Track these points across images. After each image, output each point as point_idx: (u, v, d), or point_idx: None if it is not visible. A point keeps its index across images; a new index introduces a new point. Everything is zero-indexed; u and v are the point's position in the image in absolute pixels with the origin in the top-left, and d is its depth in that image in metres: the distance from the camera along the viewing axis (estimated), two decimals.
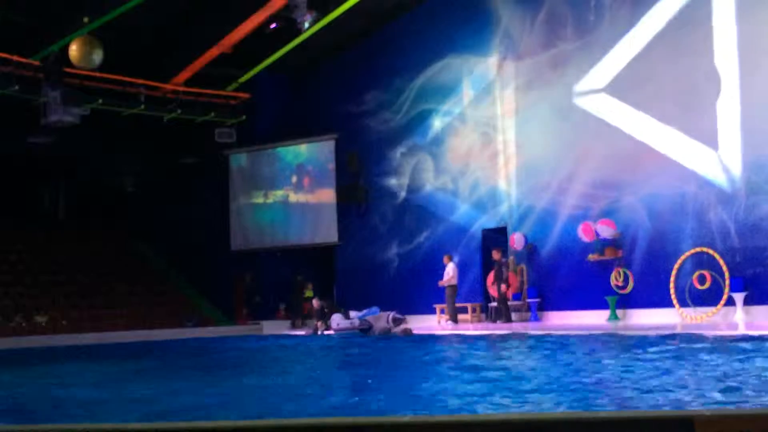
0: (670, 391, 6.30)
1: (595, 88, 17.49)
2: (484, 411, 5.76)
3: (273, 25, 20.69)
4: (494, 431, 2.63)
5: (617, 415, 2.99)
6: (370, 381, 8.23)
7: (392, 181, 22.40)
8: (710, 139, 15.36)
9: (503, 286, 18.34)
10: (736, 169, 14.98)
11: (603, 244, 17.05)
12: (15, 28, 20.22)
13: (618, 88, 17.06)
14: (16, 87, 19.85)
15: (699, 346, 10.07)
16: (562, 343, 11.93)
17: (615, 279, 16.76)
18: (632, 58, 16.85)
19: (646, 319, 16.01)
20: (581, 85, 17.77)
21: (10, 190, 26.00)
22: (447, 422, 2.81)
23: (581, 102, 17.75)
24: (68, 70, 20.03)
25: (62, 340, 19.53)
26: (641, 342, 11.15)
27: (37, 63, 20.25)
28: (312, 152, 24.26)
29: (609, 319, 16.65)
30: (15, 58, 19.81)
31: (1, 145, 22.71)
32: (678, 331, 13.20)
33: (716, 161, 15.29)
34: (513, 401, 6.21)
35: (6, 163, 24.30)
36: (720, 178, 15.20)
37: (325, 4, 19.84)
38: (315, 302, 20.94)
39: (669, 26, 16.11)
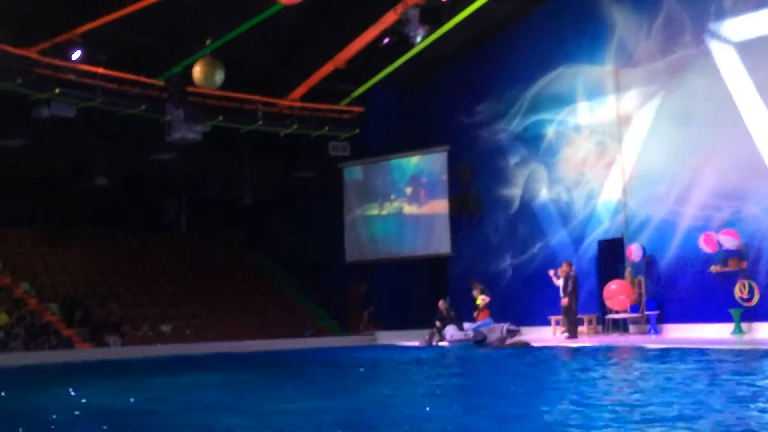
0: None
1: (718, 89, 16.97)
2: None
3: (386, 41, 20.99)
4: None
5: None
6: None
7: (505, 192, 22.32)
8: None
9: (565, 299, 18.15)
10: None
11: (726, 255, 16.54)
12: (141, 51, 21.23)
13: (743, 82, 16.50)
14: (143, 107, 20.79)
15: None
16: (680, 357, 11.64)
17: (739, 291, 16.22)
18: (757, 62, 16.30)
19: None
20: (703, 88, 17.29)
21: (137, 205, 27.27)
22: None
23: (703, 107, 17.27)
24: (190, 89, 20.87)
25: (185, 349, 20.31)
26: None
27: (161, 83, 21.18)
28: (425, 163, 24.45)
29: (733, 332, 16.14)
30: (142, 79, 20.77)
31: (131, 162, 23.85)
32: None
33: None
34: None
35: (134, 178, 25.49)
36: None
37: (437, 17, 19.99)
38: (441, 304, 20.91)
39: None
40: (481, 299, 20.18)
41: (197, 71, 19.49)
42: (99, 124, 21.23)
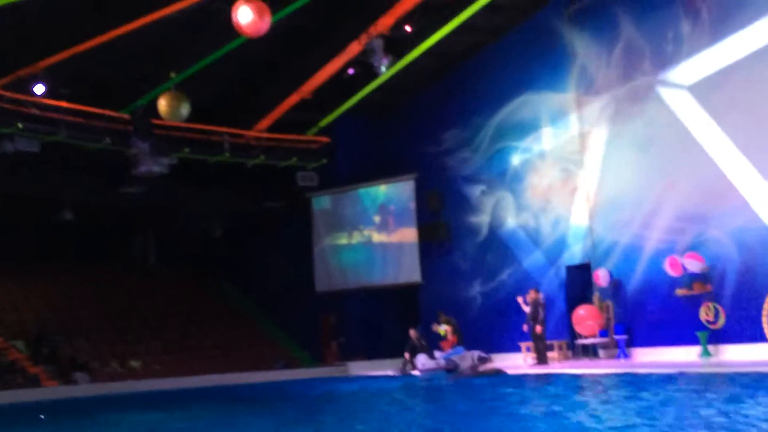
0: None
1: (678, 111, 17.22)
2: None
3: (350, 71, 21.12)
4: None
5: None
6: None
7: (473, 219, 22.42)
8: None
9: (538, 327, 18.21)
10: None
11: (691, 279, 16.68)
12: (105, 84, 21.17)
13: (700, 112, 16.76)
14: (108, 140, 20.67)
15: None
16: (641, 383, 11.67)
17: (705, 314, 16.35)
18: (712, 86, 16.58)
19: (740, 355, 15.57)
20: (664, 113, 17.54)
21: (104, 239, 27.03)
22: None
23: (664, 132, 17.49)
24: (156, 121, 20.81)
25: (156, 384, 20.09)
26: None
27: (126, 116, 21.10)
28: (393, 192, 24.50)
29: (701, 355, 16.25)
30: (106, 112, 20.69)
31: (97, 196, 23.65)
32: None
33: None
34: None
35: (101, 212, 25.27)
36: None
37: (401, 47, 20.16)
38: (412, 333, 20.88)
39: (753, 55, 15.83)
40: (443, 330, 20.22)
41: (162, 104, 19.44)
42: (64, 158, 21.10)
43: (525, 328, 18.65)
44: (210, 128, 22.47)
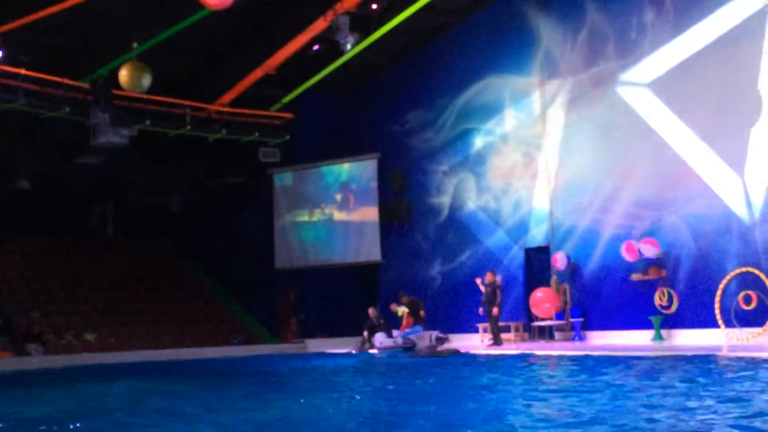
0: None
1: (637, 104, 17.42)
2: None
3: (315, 47, 20.97)
4: None
5: None
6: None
7: (435, 200, 22.51)
8: (755, 157, 15.19)
9: (495, 309, 18.34)
10: None
11: (646, 264, 16.93)
12: (66, 52, 20.81)
13: (660, 106, 16.97)
14: (67, 109, 20.37)
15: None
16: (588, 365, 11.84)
17: (659, 299, 16.62)
18: (675, 75, 16.76)
19: (692, 339, 15.86)
20: (625, 101, 17.72)
21: (61, 210, 26.67)
22: None
23: (624, 119, 17.67)
24: (116, 92, 20.52)
25: (111, 357, 19.96)
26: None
27: (86, 86, 20.77)
28: (355, 171, 24.49)
29: (654, 339, 16.53)
30: (66, 81, 20.35)
31: (54, 166, 23.31)
32: (724, 352, 13.02)
33: (761, 179, 15.12)
34: None
35: (57, 183, 24.91)
36: (763, 197, 15.02)
37: (367, 25, 20.02)
38: (371, 311, 20.93)
39: (712, 46, 16.02)
40: (401, 311, 20.31)
41: (124, 75, 19.16)
42: (22, 126, 20.76)
43: (480, 311, 18.76)
44: (171, 101, 22.23)
